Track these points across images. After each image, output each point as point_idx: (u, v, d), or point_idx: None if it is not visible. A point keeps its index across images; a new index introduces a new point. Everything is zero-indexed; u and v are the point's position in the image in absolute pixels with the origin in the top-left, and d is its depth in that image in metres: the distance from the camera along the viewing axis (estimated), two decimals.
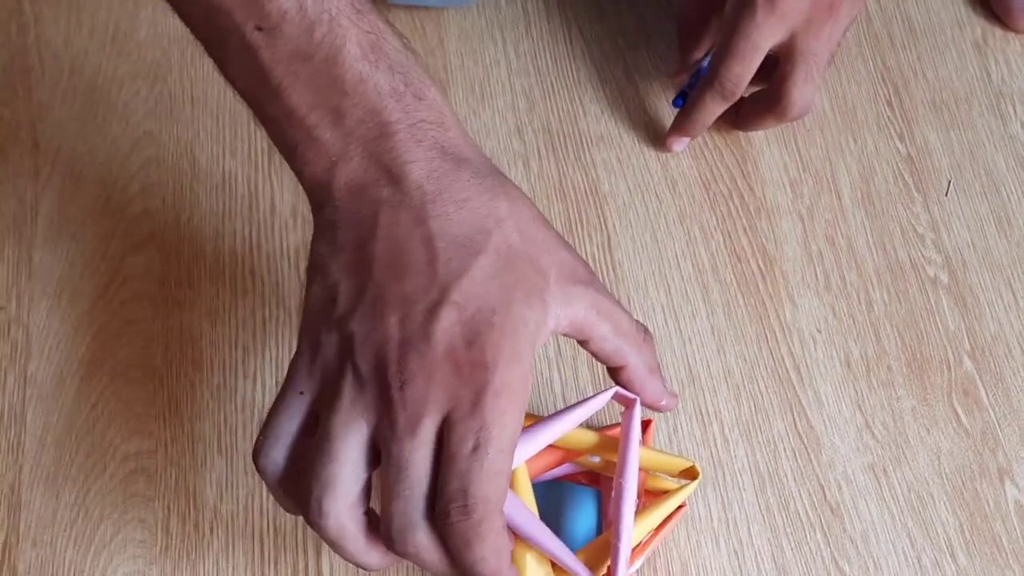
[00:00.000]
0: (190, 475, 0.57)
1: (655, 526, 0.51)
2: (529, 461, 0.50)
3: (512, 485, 0.48)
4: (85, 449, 0.58)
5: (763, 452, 0.57)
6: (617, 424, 0.53)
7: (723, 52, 0.58)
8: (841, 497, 0.56)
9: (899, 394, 0.58)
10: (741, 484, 0.56)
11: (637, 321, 0.46)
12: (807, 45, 0.57)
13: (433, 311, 0.40)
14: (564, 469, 0.54)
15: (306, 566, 0.55)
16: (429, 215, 0.41)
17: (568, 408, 0.47)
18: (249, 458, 0.57)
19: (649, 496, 0.52)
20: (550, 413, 0.48)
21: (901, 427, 0.57)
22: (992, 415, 0.58)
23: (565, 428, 0.47)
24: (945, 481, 0.56)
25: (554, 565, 0.49)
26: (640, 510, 0.49)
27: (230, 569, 0.55)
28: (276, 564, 0.55)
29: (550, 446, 0.49)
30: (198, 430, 0.58)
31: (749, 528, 0.55)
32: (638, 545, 0.51)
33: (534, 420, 0.49)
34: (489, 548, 0.40)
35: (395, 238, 0.41)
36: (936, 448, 0.57)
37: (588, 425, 0.54)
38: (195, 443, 0.58)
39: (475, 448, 0.39)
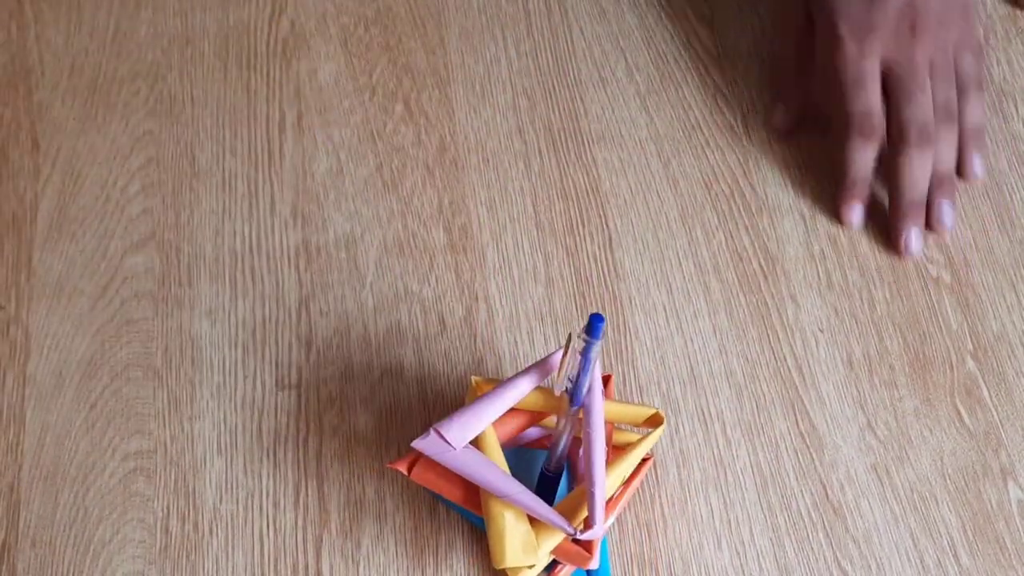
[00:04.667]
0: (189, 475, 0.57)
1: (626, 476, 0.51)
2: (496, 425, 0.51)
3: (482, 447, 0.50)
4: (84, 448, 0.58)
5: (765, 452, 0.57)
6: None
7: (839, 94, 0.61)
8: (843, 497, 0.56)
9: (901, 394, 0.58)
10: (743, 484, 0.56)
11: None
12: (902, 69, 0.60)
13: None
14: (531, 434, 0.55)
15: (306, 566, 0.55)
16: None
17: (526, 369, 0.48)
18: (248, 457, 0.57)
19: (616, 451, 0.52)
20: (512, 375, 0.49)
21: (903, 427, 0.57)
22: (995, 415, 0.57)
23: (526, 388, 0.48)
24: (948, 481, 0.56)
25: (532, 521, 0.49)
26: (609, 463, 0.50)
27: (230, 569, 0.55)
28: (276, 564, 0.55)
29: (514, 409, 0.50)
30: (198, 430, 0.58)
31: (751, 528, 0.55)
32: (611, 499, 0.51)
33: (493, 384, 0.50)
34: None
35: None
36: (939, 448, 0.57)
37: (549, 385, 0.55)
38: (195, 443, 0.58)
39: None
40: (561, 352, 0.49)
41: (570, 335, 0.46)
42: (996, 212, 0.63)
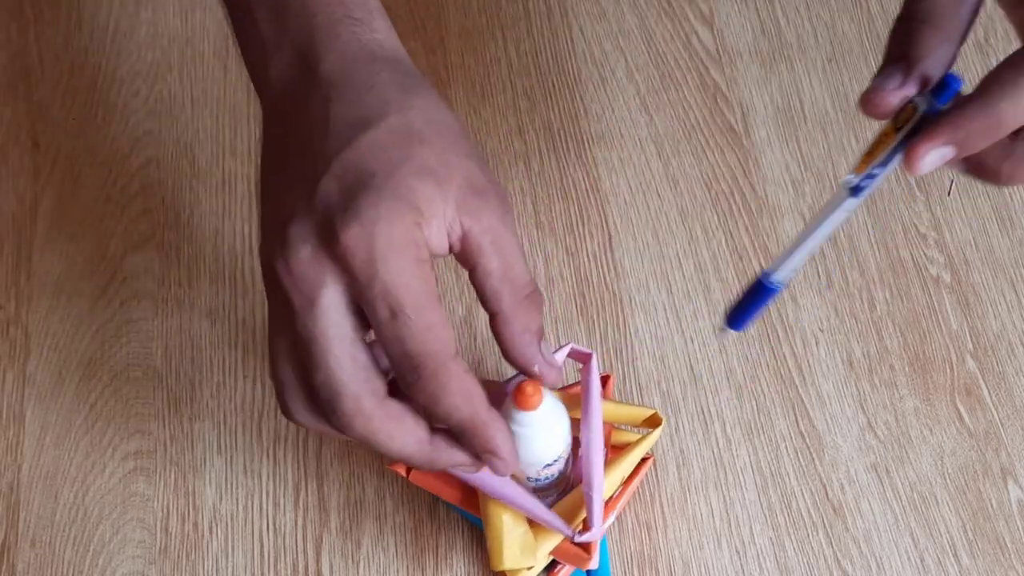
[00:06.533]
0: (189, 475, 0.57)
1: (625, 477, 0.51)
2: None
3: None
4: (84, 448, 0.58)
5: (765, 452, 0.57)
6: (577, 383, 0.53)
7: None
8: (844, 497, 0.56)
9: (902, 393, 0.58)
10: (743, 484, 0.56)
11: (533, 279, 0.42)
12: None
13: (314, 186, 0.39)
14: None
15: (306, 566, 0.55)
16: (331, 100, 0.40)
17: None
18: (248, 457, 0.57)
19: (615, 451, 0.52)
20: (508, 377, 0.49)
21: (904, 427, 0.57)
22: (995, 415, 0.57)
23: None
24: (948, 481, 0.56)
25: (531, 523, 0.49)
26: (608, 463, 0.50)
27: (229, 569, 0.55)
28: (276, 564, 0.55)
29: None
30: (197, 430, 0.58)
31: (751, 528, 0.55)
32: (609, 499, 0.51)
33: (495, 384, 0.50)
34: (456, 396, 0.39)
35: (297, 126, 0.40)
36: (939, 448, 0.57)
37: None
38: (194, 443, 0.58)
39: (392, 315, 0.38)
40: (559, 352, 0.49)
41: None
42: (996, 212, 0.63)
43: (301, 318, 0.38)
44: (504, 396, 0.48)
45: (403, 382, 0.39)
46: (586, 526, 0.48)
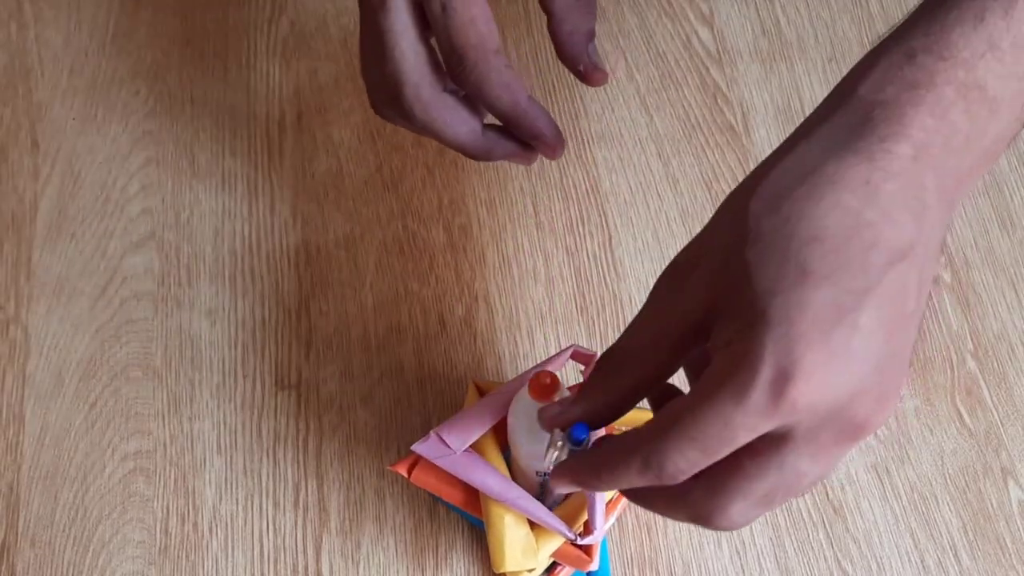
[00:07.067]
0: (189, 475, 0.57)
1: None
2: (496, 429, 0.50)
3: (482, 451, 0.49)
4: (84, 448, 0.58)
5: None
6: (580, 384, 0.53)
7: (677, 426, 0.34)
8: (844, 497, 0.56)
9: (902, 393, 0.58)
10: None
11: None
12: (795, 463, 0.34)
13: None
14: None
15: (306, 566, 0.55)
16: None
17: (530, 371, 0.48)
18: (248, 457, 0.57)
19: None
20: (512, 379, 0.49)
21: (904, 427, 0.57)
22: (995, 415, 0.57)
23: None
24: (948, 481, 0.56)
25: (532, 525, 0.49)
26: None
27: (229, 569, 0.55)
28: (276, 564, 0.55)
29: None
30: (197, 429, 0.58)
31: (751, 528, 0.55)
32: (610, 501, 0.51)
33: (493, 387, 0.50)
34: (496, 87, 0.45)
35: None
36: (939, 448, 0.57)
37: None
38: (194, 443, 0.58)
39: (442, 8, 0.44)
40: (563, 354, 0.49)
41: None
42: (996, 212, 0.63)
43: (376, 16, 0.45)
44: (511, 395, 0.48)
45: (452, 75, 0.45)
46: (587, 528, 0.48)
